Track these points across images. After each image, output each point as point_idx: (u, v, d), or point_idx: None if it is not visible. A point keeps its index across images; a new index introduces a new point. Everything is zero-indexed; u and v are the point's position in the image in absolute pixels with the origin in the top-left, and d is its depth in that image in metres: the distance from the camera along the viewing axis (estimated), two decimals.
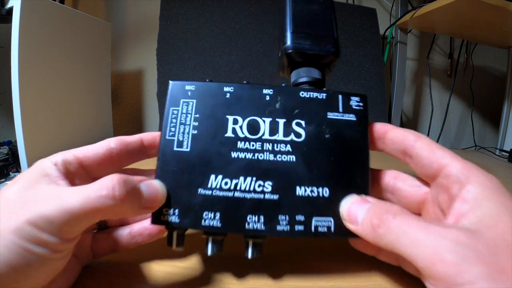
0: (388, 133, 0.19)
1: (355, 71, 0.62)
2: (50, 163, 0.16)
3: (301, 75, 0.21)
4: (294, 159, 0.18)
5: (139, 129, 0.86)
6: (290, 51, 0.20)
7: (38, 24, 0.46)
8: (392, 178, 0.20)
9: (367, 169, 0.19)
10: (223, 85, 0.19)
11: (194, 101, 0.19)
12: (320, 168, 0.18)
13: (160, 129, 0.19)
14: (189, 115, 0.19)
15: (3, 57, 0.50)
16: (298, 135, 0.18)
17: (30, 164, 0.44)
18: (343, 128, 0.19)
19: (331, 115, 0.19)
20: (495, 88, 0.88)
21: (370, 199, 0.17)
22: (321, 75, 0.21)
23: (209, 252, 0.18)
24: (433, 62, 0.87)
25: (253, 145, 0.18)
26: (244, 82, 0.19)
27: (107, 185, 0.15)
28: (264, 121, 0.19)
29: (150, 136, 0.20)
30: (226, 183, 0.17)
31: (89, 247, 0.19)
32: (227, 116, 0.19)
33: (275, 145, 0.18)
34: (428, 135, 0.82)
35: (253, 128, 0.18)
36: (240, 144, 0.18)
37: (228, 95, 0.19)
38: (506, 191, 0.15)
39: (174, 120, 0.18)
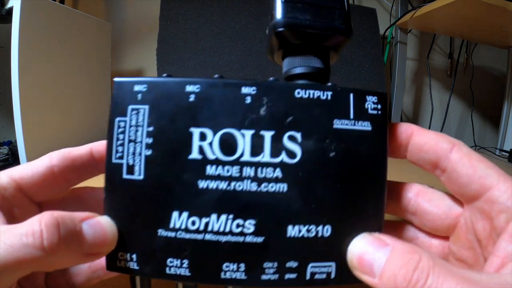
0: (414, 137, 0.15)
1: (355, 71, 0.62)
2: None
3: (296, 64, 0.15)
4: (285, 189, 0.13)
5: None
6: (281, 29, 0.14)
7: (38, 24, 0.46)
8: (414, 195, 0.15)
9: (383, 197, 0.14)
10: (185, 82, 0.14)
11: (147, 107, 0.13)
12: (321, 200, 0.13)
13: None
14: (140, 129, 0.13)
15: (3, 57, 0.50)
16: (291, 154, 0.13)
17: None
18: (354, 142, 0.14)
19: (338, 124, 0.14)
20: (495, 88, 0.88)
21: (387, 239, 0.13)
22: (324, 65, 0.15)
23: None
24: (433, 62, 0.87)
25: (228, 171, 0.13)
26: (215, 76, 0.14)
27: (33, 230, 0.11)
28: (243, 135, 0.13)
29: (101, 146, 0.16)
30: (193, 223, 0.13)
31: (42, 284, 0.16)
32: (192, 129, 0.13)
33: (259, 169, 0.13)
34: None
35: (228, 145, 0.13)
36: (211, 170, 0.13)
37: (192, 98, 0.13)
38: None
39: (121, 136, 0.14)
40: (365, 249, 0.13)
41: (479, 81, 0.88)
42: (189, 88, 0.14)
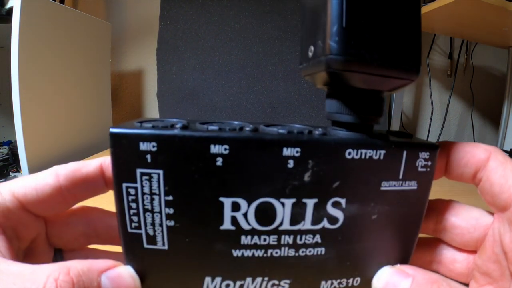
0: (451, 155, 0.14)
1: None
2: None
3: (348, 112, 0.12)
4: (323, 252, 0.13)
5: None
6: (338, 69, 0.11)
7: (38, 24, 0.46)
8: (441, 211, 0.15)
9: (414, 243, 0.14)
10: (208, 140, 0.11)
11: (161, 172, 0.11)
12: (356, 257, 0.13)
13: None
14: (156, 197, 0.11)
15: (3, 57, 0.50)
16: (333, 220, 0.12)
17: (30, 164, 0.44)
18: (398, 203, 0.13)
19: (386, 186, 0.12)
20: (495, 88, 0.88)
21: (409, 269, 0.13)
22: (380, 113, 0.13)
23: None
24: (433, 62, 0.87)
25: (265, 240, 0.12)
26: (247, 129, 0.12)
27: (41, 283, 0.10)
28: (283, 204, 0.12)
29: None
30: (227, 286, 0.12)
31: (43, 240, 0.15)
32: (222, 199, 0.11)
33: (298, 237, 0.12)
34: (428, 135, 0.82)
35: (266, 215, 0.12)
36: (246, 240, 0.12)
37: (219, 162, 0.11)
38: None
39: (133, 205, 0.11)
40: (388, 280, 0.13)
41: (479, 81, 0.88)
42: (214, 149, 0.11)
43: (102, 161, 0.14)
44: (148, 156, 0.11)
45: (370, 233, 0.13)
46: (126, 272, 0.12)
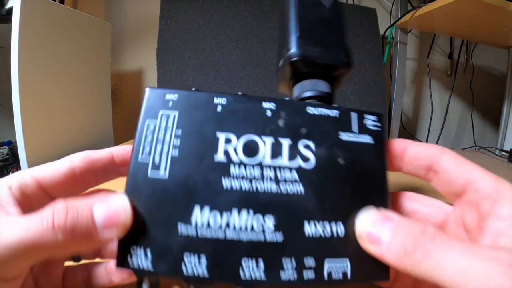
0: (408, 149, 0.17)
1: (355, 71, 0.62)
2: (3, 186, 0.14)
3: (307, 88, 0.18)
4: (302, 191, 0.15)
5: None
6: (295, 58, 0.17)
7: (38, 24, 0.46)
8: (407, 200, 0.17)
9: (387, 198, 0.16)
10: (213, 95, 0.15)
11: (176, 113, 0.15)
12: (334, 201, 0.15)
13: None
14: (168, 131, 0.15)
15: (3, 57, 0.50)
16: (306, 159, 0.15)
17: (30, 164, 0.44)
18: (358, 152, 0.16)
19: (344, 136, 0.16)
20: (495, 88, 0.88)
21: (392, 215, 0.14)
22: (330, 89, 0.18)
23: None
24: (433, 62, 0.87)
25: (250, 172, 0.15)
26: (239, 93, 0.16)
27: (46, 216, 0.12)
28: (264, 141, 0.15)
29: (122, 151, 0.16)
30: (214, 219, 0.14)
31: (59, 281, 0.16)
32: (218, 134, 0.15)
33: (279, 171, 0.15)
34: (428, 135, 0.82)
35: (251, 149, 0.15)
36: (234, 170, 0.14)
37: (219, 108, 0.15)
38: None
39: (149, 137, 0.15)
40: (373, 220, 0.14)
41: (479, 81, 0.88)
42: (216, 100, 0.15)
43: (113, 149, 0.16)
44: (170, 103, 0.15)
45: (342, 177, 0.15)
46: (119, 198, 0.13)
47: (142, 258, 0.13)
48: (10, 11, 0.51)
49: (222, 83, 0.58)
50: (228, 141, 0.15)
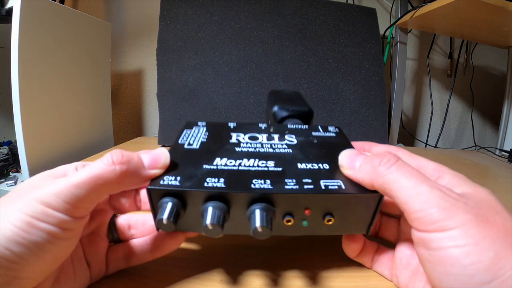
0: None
1: (355, 71, 0.62)
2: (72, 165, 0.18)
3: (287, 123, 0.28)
4: (291, 151, 0.21)
5: (139, 129, 0.86)
6: (279, 117, 0.28)
7: (38, 24, 0.46)
8: (363, 147, 0.23)
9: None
10: (227, 122, 0.25)
11: (205, 128, 0.24)
12: (315, 155, 0.21)
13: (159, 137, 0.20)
14: (200, 133, 0.24)
15: (3, 57, 0.50)
16: (291, 141, 0.23)
17: (30, 164, 0.44)
18: (326, 138, 0.24)
19: (315, 133, 0.24)
20: (495, 88, 0.88)
21: (364, 152, 0.19)
22: (303, 121, 0.28)
23: (209, 220, 0.16)
24: (433, 62, 0.87)
25: (254, 145, 0.22)
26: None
27: (106, 157, 0.16)
28: (262, 135, 0.24)
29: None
30: (230, 162, 0.19)
31: (103, 255, 0.19)
32: (231, 133, 0.24)
33: (273, 144, 0.22)
34: (428, 135, 0.82)
35: (253, 138, 0.23)
36: (243, 145, 0.22)
37: (231, 126, 0.25)
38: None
39: (187, 134, 0.23)
40: (351, 153, 0.19)
41: (479, 81, 0.88)
42: (230, 124, 0.25)
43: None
44: (201, 124, 0.25)
45: (318, 146, 0.22)
46: (160, 149, 0.19)
47: (171, 180, 0.17)
48: (10, 11, 0.51)
49: (222, 83, 0.58)
50: (238, 135, 0.23)
